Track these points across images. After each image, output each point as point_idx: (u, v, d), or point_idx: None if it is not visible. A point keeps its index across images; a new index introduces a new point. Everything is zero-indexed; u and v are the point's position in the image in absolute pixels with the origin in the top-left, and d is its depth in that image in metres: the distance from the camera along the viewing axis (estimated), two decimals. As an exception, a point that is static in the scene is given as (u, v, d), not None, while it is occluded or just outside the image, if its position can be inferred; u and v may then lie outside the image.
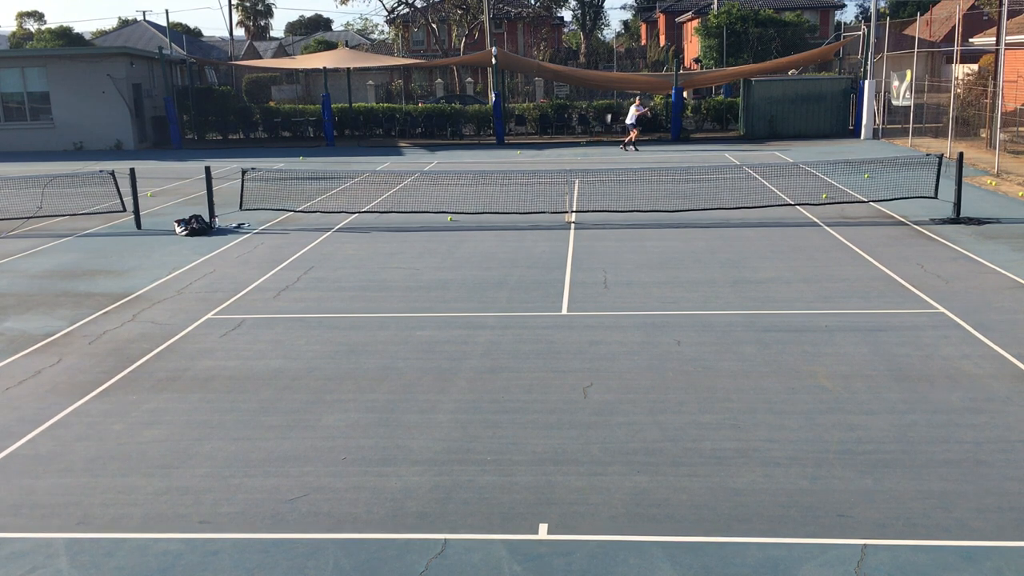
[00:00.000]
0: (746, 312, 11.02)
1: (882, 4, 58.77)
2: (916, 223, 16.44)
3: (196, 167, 26.65)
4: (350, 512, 6.39)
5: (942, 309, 10.94)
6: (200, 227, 17.19)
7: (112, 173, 18.80)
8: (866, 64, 33.49)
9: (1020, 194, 19.43)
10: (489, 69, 38.65)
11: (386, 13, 64.41)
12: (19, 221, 18.64)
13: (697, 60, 53.36)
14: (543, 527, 6.11)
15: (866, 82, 33.07)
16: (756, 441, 7.36)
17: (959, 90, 29.47)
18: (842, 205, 18.38)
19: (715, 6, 51.06)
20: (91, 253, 15.65)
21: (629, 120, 32.15)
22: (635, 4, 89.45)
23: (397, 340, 10.25)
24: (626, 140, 32.33)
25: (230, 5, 62.21)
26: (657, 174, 23.78)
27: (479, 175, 23.72)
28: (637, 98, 33.94)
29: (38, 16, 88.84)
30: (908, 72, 31.78)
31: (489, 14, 46.90)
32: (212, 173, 18.25)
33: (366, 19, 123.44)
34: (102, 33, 73.86)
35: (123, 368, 9.53)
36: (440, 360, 9.53)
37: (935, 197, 17.53)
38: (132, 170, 18.31)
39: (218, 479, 6.94)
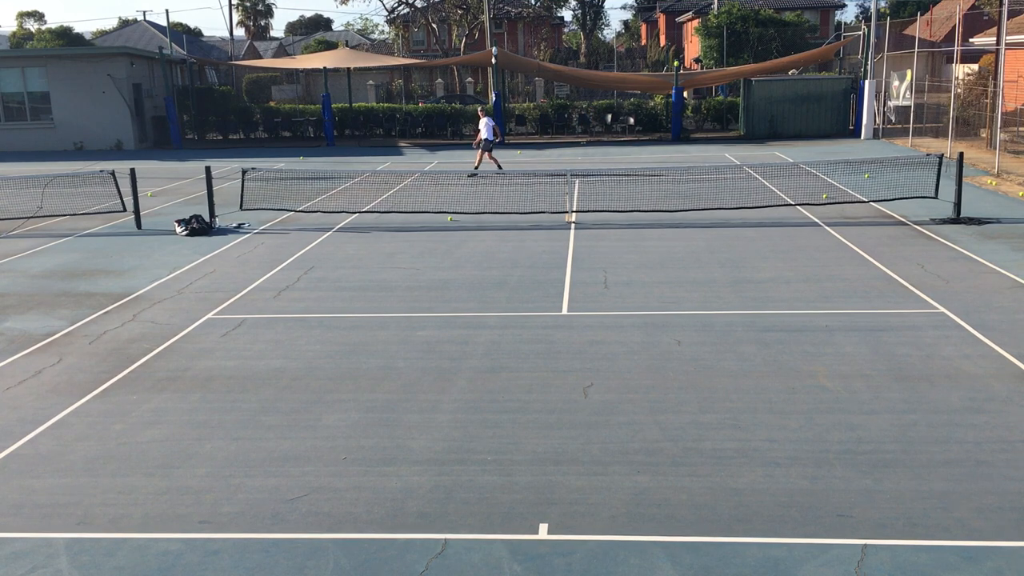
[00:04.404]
0: (746, 312, 11.02)
1: (882, 4, 58.75)
2: (916, 223, 16.44)
3: (196, 167, 26.65)
4: (350, 512, 6.39)
5: (942, 309, 10.94)
6: (200, 227, 17.18)
7: (112, 173, 18.79)
8: (866, 64, 33.49)
9: (1020, 194, 19.42)
10: (489, 69, 38.63)
11: (386, 13, 64.45)
12: (19, 221, 18.64)
13: (697, 60, 53.36)
14: (543, 527, 6.11)
15: (866, 82, 33.07)
16: (756, 441, 7.36)
17: (959, 90, 29.45)
18: (842, 205, 18.38)
19: (715, 6, 51.06)
20: (91, 253, 15.65)
21: (487, 135, 24.48)
22: (635, 4, 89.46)
23: (397, 340, 10.25)
24: (476, 165, 24.81)
25: (230, 5, 62.22)
26: (657, 174, 23.77)
27: (479, 175, 23.70)
28: (480, 109, 28.21)
29: (38, 16, 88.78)
30: (908, 72, 31.78)
31: (489, 14, 46.89)
32: (212, 173, 18.25)
33: (366, 19, 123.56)
34: (102, 33, 73.86)
35: (123, 368, 9.53)
36: (440, 360, 9.53)
37: (935, 197, 17.53)
38: (132, 170, 18.32)
39: (218, 479, 6.94)
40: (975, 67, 36.26)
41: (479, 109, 29.00)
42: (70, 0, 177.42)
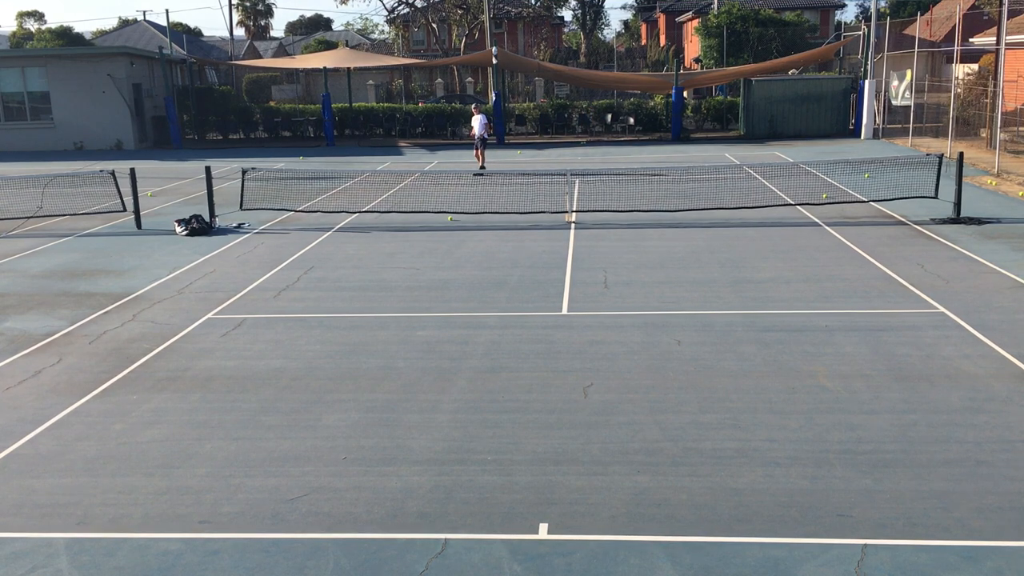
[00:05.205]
0: (746, 312, 11.02)
1: (882, 4, 58.78)
2: (916, 223, 16.44)
3: (196, 167, 26.65)
4: (350, 512, 6.39)
5: (942, 309, 10.94)
6: (200, 227, 17.18)
7: (112, 173, 18.80)
8: (866, 64, 33.49)
9: (1020, 194, 19.42)
10: (489, 69, 38.64)
11: (386, 13, 64.42)
12: (19, 221, 18.64)
13: (697, 60, 53.36)
14: (543, 527, 6.11)
15: (866, 82, 33.07)
16: (756, 441, 7.36)
17: (959, 90, 29.46)
18: (842, 205, 18.38)
19: (715, 6, 51.06)
20: (91, 253, 15.65)
21: (480, 132, 25.77)
22: (635, 4, 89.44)
23: (397, 340, 10.25)
24: (480, 163, 25.69)
25: (230, 5, 62.20)
26: (657, 174, 23.77)
27: (479, 175, 23.70)
28: (475, 106, 28.81)
29: (38, 16, 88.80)
30: (908, 72, 31.78)
31: (489, 14, 46.89)
32: (212, 173, 18.25)
33: (366, 19, 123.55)
34: (102, 33, 73.86)
35: (123, 368, 9.53)
36: (440, 360, 9.53)
37: (935, 197, 17.53)
38: (132, 170, 18.32)
39: (218, 479, 6.94)
40: (975, 67, 36.27)
41: (472, 106, 28.98)
42: (70, 0, 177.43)
